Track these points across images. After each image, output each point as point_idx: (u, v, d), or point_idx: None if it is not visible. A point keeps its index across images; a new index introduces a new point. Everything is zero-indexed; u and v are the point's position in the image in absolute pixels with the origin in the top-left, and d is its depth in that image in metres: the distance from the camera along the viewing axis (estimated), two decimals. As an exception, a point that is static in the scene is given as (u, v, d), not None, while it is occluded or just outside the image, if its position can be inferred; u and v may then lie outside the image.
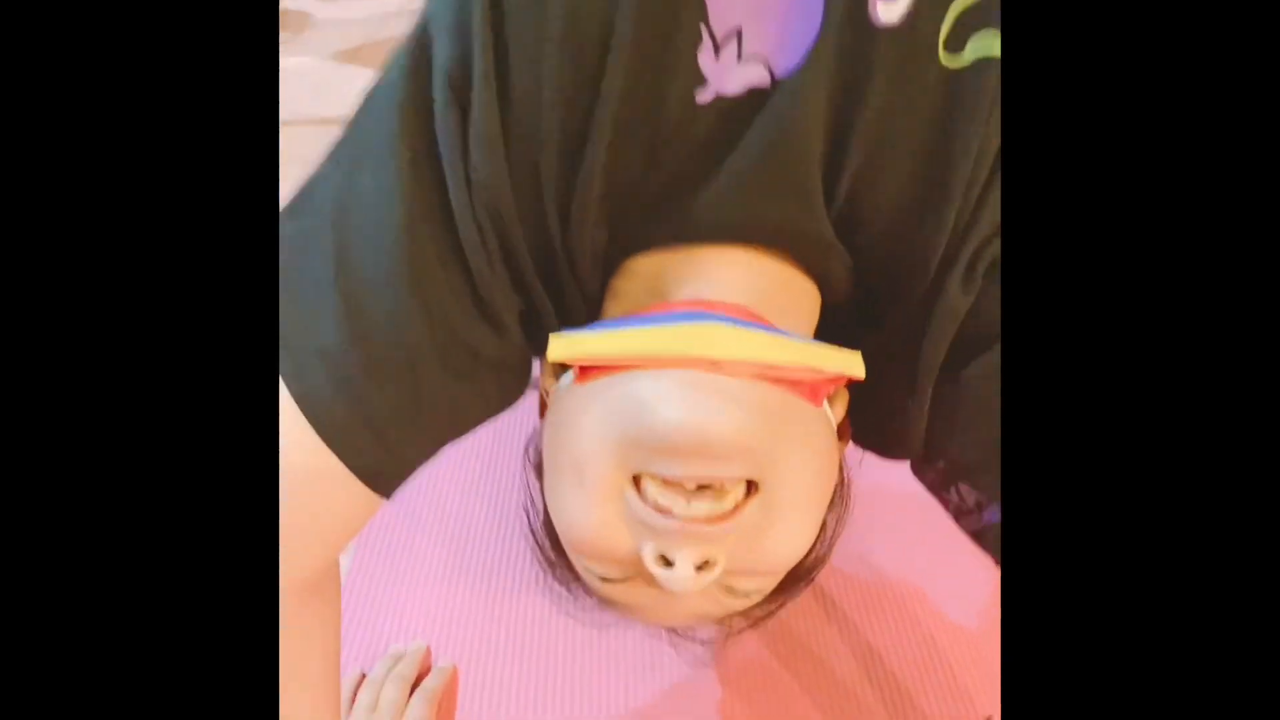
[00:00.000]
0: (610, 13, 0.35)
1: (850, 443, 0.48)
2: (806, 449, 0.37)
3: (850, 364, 0.39)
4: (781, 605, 0.47)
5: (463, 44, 0.36)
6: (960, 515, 0.45)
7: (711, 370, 0.35)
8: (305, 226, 0.39)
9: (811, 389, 0.38)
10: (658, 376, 0.36)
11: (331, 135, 0.40)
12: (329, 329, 0.37)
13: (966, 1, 0.35)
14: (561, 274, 0.42)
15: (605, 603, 0.44)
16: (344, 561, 0.68)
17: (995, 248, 0.39)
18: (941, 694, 0.60)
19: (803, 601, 0.60)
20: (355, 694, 0.60)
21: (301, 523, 0.39)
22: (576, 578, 0.46)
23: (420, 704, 0.60)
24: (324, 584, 0.45)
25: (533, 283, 0.41)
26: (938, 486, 0.45)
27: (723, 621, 0.47)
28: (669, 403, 0.35)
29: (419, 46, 0.37)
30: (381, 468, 0.41)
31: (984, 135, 0.36)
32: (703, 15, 0.35)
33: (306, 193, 0.40)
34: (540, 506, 0.46)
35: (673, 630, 0.55)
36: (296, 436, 0.38)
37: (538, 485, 0.45)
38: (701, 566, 0.36)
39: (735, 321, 0.37)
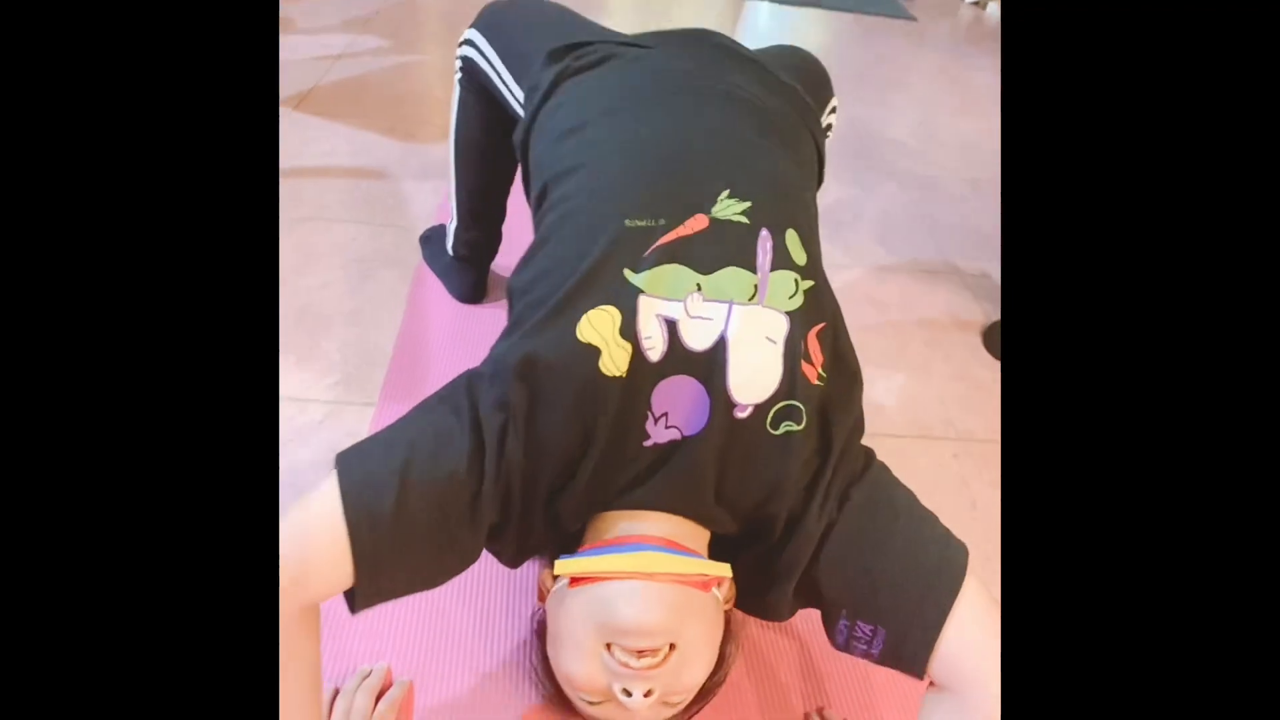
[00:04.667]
0: (601, 401, 0.64)
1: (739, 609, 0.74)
2: (704, 622, 0.65)
3: (723, 570, 0.68)
4: (699, 710, 0.72)
5: (508, 410, 0.63)
6: (869, 647, 0.66)
7: (648, 580, 0.63)
8: (401, 431, 0.64)
9: (703, 585, 0.66)
10: (619, 587, 0.63)
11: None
12: (388, 497, 0.59)
13: (778, 406, 0.65)
14: (537, 507, 0.66)
15: (587, 708, 0.68)
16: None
17: (836, 491, 0.67)
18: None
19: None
20: (332, 704, 0.75)
21: (305, 573, 0.58)
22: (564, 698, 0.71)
23: (385, 710, 0.75)
24: (309, 618, 0.61)
25: (514, 507, 0.65)
26: (848, 634, 0.67)
27: None
28: (627, 604, 0.62)
29: (469, 394, 0.65)
30: (366, 575, 0.60)
31: (797, 470, 0.65)
32: (649, 405, 0.65)
33: (410, 418, 0.66)
34: (542, 655, 0.73)
35: None
36: (332, 528, 0.58)
37: (538, 643, 0.75)
38: (647, 694, 0.63)
39: (662, 549, 0.65)
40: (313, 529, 0.59)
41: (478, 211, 1.24)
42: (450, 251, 1.31)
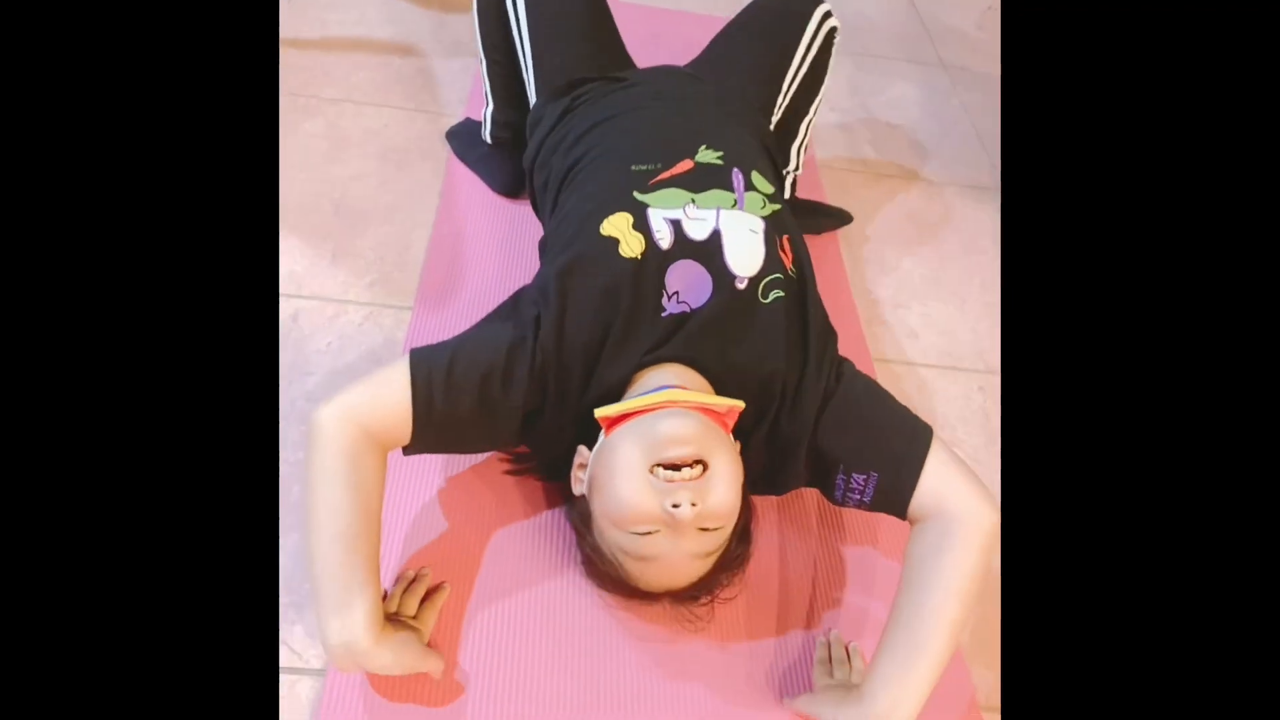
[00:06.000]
0: (622, 278, 0.81)
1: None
2: (727, 452, 0.76)
3: (737, 404, 0.80)
4: (730, 580, 0.82)
5: (543, 303, 0.82)
6: (863, 495, 0.82)
7: (676, 406, 0.75)
8: (461, 334, 0.83)
9: (721, 422, 0.78)
10: (655, 414, 0.75)
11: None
12: (440, 371, 0.77)
13: (766, 279, 0.83)
14: (571, 395, 0.81)
15: (636, 563, 0.77)
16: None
17: (829, 366, 0.83)
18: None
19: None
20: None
21: (376, 403, 0.76)
22: (612, 582, 0.82)
23: (429, 610, 0.82)
24: (381, 458, 0.77)
25: (550, 392, 0.81)
26: (845, 487, 0.82)
27: (703, 593, 0.81)
28: (665, 422, 0.74)
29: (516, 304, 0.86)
30: (421, 429, 0.77)
31: (786, 331, 0.82)
32: (663, 284, 0.82)
33: (472, 327, 0.85)
34: (584, 554, 0.84)
35: (676, 599, 0.83)
36: (400, 391, 0.76)
37: (582, 538, 0.83)
38: (693, 505, 0.71)
39: (683, 390, 0.78)
40: (387, 393, 0.77)
41: (514, 89, 1.20)
42: (488, 138, 1.28)
